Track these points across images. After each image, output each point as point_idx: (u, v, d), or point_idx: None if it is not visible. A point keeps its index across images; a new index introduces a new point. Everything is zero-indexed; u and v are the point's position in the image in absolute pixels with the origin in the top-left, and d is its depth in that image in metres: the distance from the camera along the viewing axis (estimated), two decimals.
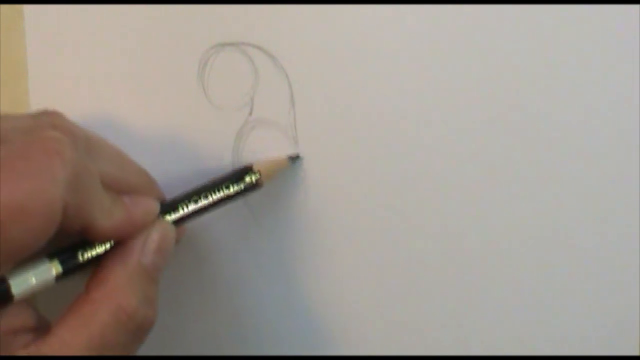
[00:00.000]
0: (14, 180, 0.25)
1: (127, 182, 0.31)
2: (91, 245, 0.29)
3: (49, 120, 0.29)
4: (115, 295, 0.28)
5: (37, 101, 0.36)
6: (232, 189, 0.32)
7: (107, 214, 0.28)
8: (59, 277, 0.28)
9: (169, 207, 0.31)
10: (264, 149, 0.34)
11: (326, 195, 0.34)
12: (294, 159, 0.34)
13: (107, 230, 0.28)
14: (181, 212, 0.31)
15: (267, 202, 0.34)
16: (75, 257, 0.28)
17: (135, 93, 0.35)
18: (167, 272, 0.30)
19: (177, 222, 0.31)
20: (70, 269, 0.28)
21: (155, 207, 0.30)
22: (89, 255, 0.29)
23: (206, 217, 0.32)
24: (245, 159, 0.34)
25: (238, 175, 0.32)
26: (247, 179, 0.32)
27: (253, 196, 0.33)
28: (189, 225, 0.32)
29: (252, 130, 0.34)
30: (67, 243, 0.28)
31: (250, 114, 0.34)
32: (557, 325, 0.33)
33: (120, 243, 0.29)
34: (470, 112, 0.32)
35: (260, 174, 0.32)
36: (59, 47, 0.36)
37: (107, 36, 0.35)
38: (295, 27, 0.33)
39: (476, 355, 0.33)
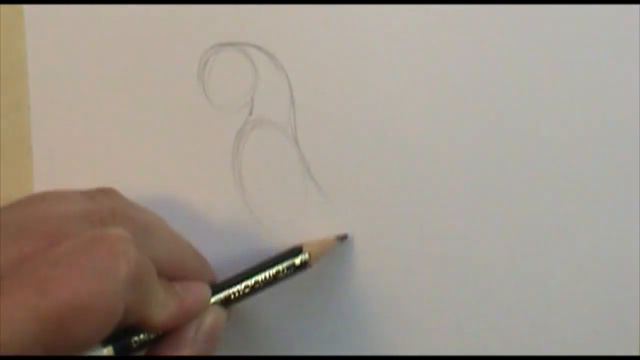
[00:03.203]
0: (79, 279, 0.25)
1: (180, 266, 0.31)
2: (144, 332, 0.29)
3: (109, 205, 0.29)
4: None
5: (38, 102, 0.36)
6: (282, 271, 0.32)
7: (161, 307, 0.28)
8: None
9: (220, 290, 0.31)
10: (264, 149, 0.34)
11: (326, 195, 0.34)
12: (343, 239, 0.34)
13: (161, 323, 0.29)
14: (231, 296, 0.31)
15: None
16: (129, 343, 0.29)
17: (135, 93, 0.35)
18: None
19: (227, 304, 0.31)
20: (123, 354, 0.28)
21: (208, 294, 0.31)
22: (142, 340, 0.29)
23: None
24: (245, 159, 0.34)
25: (288, 256, 0.32)
26: (297, 261, 0.32)
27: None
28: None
29: (252, 130, 0.34)
30: (118, 329, 0.28)
31: (250, 114, 0.34)
32: (557, 325, 0.33)
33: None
34: (471, 112, 0.32)
35: (310, 256, 0.32)
36: (58, 48, 0.36)
37: (107, 36, 0.35)
38: (295, 27, 0.33)
39: (476, 355, 0.33)
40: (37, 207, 0.28)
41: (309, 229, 0.34)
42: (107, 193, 0.30)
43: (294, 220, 0.34)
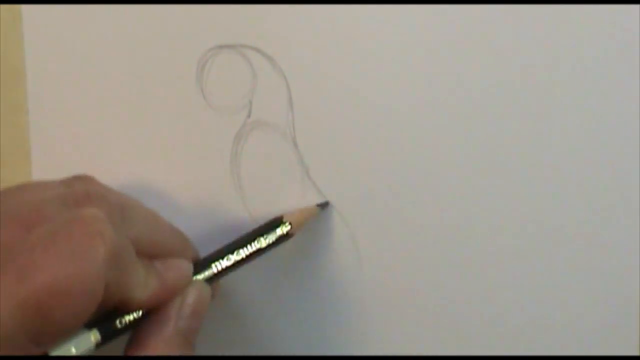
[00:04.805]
0: (57, 263, 0.25)
1: (160, 245, 0.31)
2: (128, 313, 0.29)
3: (83, 188, 0.29)
4: None
5: (36, 104, 0.36)
6: (264, 242, 0.32)
7: (142, 286, 0.28)
8: (98, 345, 0.28)
9: (202, 266, 0.31)
10: (262, 151, 0.34)
11: (325, 196, 0.34)
12: (324, 206, 0.34)
13: (143, 302, 0.29)
14: (214, 270, 0.31)
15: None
16: (113, 324, 0.29)
17: (134, 95, 0.35)
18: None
19: (211, 279, 0.31)
20: (109, 336, 0.28)
21: (189, 270, 0.31)
22: (127, 321, 0.29)
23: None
24: (244, 162, 0.34)
25: (269, 227, 0.32)
26: (279, 231, 0.32)
27: None
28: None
29: (250, 132, 0.34)
30: (101, 312, 0.28)
31: (249, 116, 0.34)
32: (557, 325, 0.33)
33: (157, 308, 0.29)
34: (470, 113, 0.32)
35: (291, 225, 0.32)
36: (57, 50, 0.36)
37: (106, 38, 0.35)
38: (293, 29, 0.33)
39: (476, 355, 0.34)
40: (12, 196, 0.28)
41: (307, 230, 0.34)
42: (81, 178, 0.30)
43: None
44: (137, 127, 0.35)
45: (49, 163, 0.36)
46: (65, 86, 0.36)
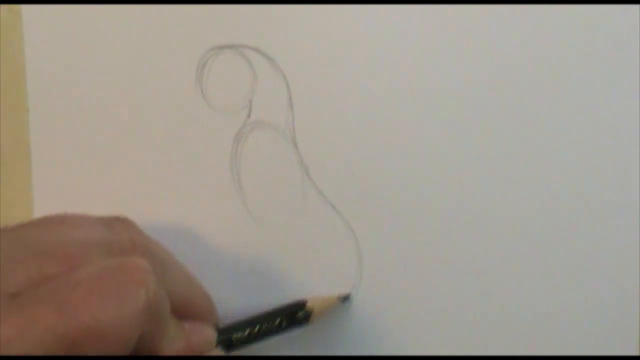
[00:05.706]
0: (98, 305, 0.25)
1: (189, 305, 0.31)
2: None
3: (127, 236, 0.29)
4: None
5: (36, 104, 0.36)
6: (283, 324, 0.33)
7: (169, 342, 0.29)
8: None
9: (223, 335, 0.32)
10: (262, 151, 0.34)
11: (326, 196, 0.34)
12: (345, 298, 0.34)
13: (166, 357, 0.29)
14: (233, 342, 0.32)
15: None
16: None
17: (134, 95, 0.35)
18: None
19: (228, 348, 0.32)
20: None
21: (213, 338, 0.31)
22: None
23: None
24: (244, 162, 0.34)
25: (291, 310, 0.33)
26: (299, 315, 0.33)
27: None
28: None
29: (250, 133, 0.34)
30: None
31: (249, 116, 0.34)
32: (557, 325, 0.33)
33: None
34: (470, 113, 0.32)
35: (313, 312, 0.33)
36: (57, 49, 0.36)
37: (106, 38, 0.35)
38: (293, 29, 0.33)
39: (476, 355, 0.34)
40: (56, 229, 0.28)
41: (308, 231, 0.34)
42: (123, 223, 0.30)
43: (293, 222, 0.34)
44: (136, 127, 0.35)
45: (49, 163, 0.36)
46: (65, 86, 0.36)
